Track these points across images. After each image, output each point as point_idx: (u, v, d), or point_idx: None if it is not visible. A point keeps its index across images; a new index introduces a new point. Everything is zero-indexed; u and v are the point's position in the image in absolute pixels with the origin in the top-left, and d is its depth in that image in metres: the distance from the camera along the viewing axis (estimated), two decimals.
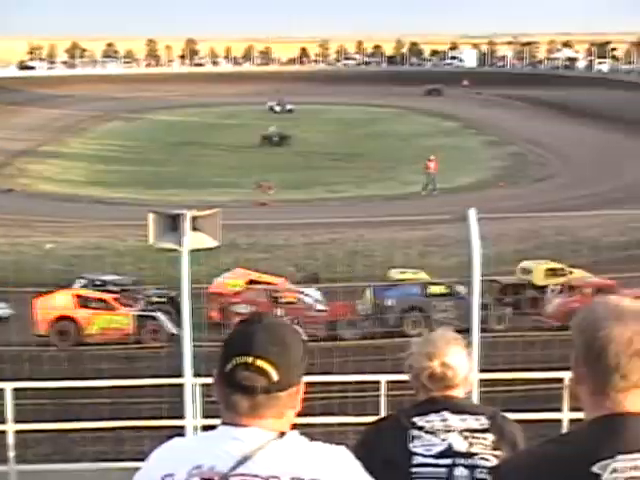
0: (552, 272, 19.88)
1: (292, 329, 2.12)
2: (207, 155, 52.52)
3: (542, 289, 19.29)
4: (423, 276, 19.12)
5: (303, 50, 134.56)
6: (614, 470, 1.83)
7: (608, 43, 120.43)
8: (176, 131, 64.42)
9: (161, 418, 7.19)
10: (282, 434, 2.05)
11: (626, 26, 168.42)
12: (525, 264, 19.83)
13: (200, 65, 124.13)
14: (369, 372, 7.62)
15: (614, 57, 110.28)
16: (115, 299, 18.58)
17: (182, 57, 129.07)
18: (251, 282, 18.68)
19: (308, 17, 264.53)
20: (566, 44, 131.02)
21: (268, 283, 18.72)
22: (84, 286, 19.38)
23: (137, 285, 19.52)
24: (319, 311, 17.89)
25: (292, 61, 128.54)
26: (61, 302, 18.25)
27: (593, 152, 48.20)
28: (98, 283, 19.30)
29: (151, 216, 7.08)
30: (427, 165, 39.81)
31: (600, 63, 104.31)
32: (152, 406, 8.62)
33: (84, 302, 18.49)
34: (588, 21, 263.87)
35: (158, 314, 17.52)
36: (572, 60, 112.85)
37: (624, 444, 1.86)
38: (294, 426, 2.11)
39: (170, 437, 2.18)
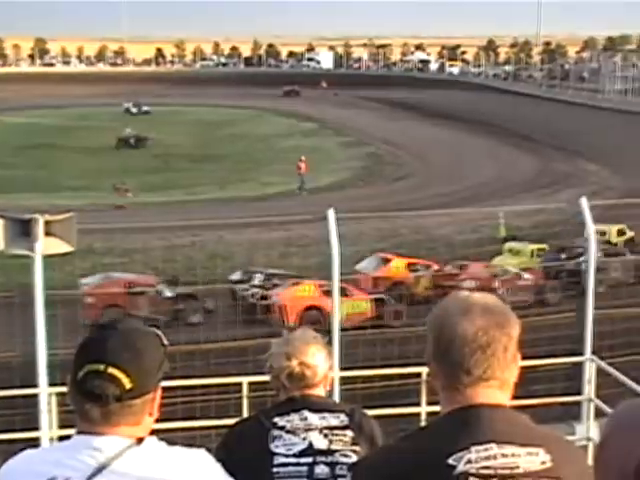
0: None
1: (149, 334, 2.07)
2: (60, 158, 51.00)
3: None
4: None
5: (159, 51, 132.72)
6: (468, 461, 1.88)
7: (458, 47, 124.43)
8: (26, 133, 62.15)
9: (15, 431, 6.93)
10: (140, 440, 2.00)
11: (475, 30, 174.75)
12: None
13: (50, 65, 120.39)
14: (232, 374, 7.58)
15: (464, 60, 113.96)
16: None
17: (31, 57, 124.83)
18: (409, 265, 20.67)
19: (164, 17, 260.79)
20: (419, 47, 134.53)
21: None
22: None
23: None
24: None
25: (147, 62, 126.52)
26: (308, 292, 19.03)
27: (447, 152, 49.69)
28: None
29: (1, 221, 6.81)
30: (298, 166, 40.20)
31: (451, 66, 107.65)
32: (5, 418, 8.29)
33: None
34: (439, 25, 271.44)
35: None
36: (425, 63, 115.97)
37: (477, 435, 1.91)
38: (154, 432, 2.08)
39: (23, 450, 2.10)
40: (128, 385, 1.96)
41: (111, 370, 1.95)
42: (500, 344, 1.95)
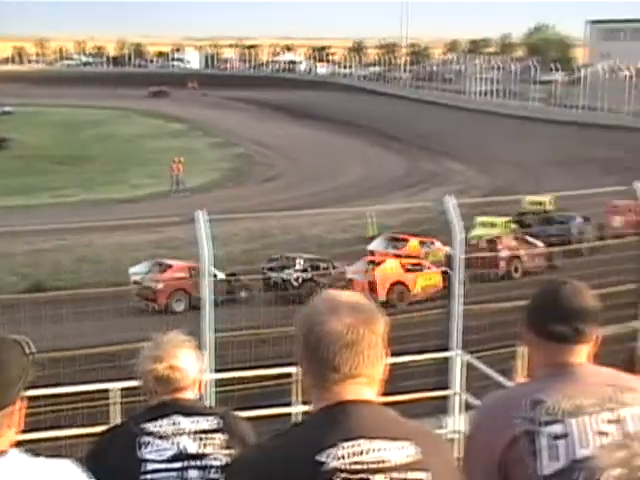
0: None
1: (11, 345, 1.99)
2: None
3: None
4: None
5: (18, 49, 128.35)
6: (338, 457, 1.90)
7: (327, 47, 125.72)
8: None
9: None
10: (1, 453, 1.93)
11: (343, 32, 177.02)
12: None
13: None
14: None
15: (333, 61, 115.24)
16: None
17: None
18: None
19: (23, 14, 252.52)
20: (288, 48, 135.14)
21: None
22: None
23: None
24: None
25: (6, 60, 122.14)
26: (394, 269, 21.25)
27: (317, 152, 50.13)
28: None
29: None
30: (172, 167, 39.68)
31: (320, 67, 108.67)
32: None
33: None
34: (308, 26, 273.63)
35: None
36: (294, 63, 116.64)
37: (346, 432, 1.93)
38: (19, 443, 2.01)
39: None
40: None
41: None
42: (367, 341, 1.97)
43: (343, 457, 1.90)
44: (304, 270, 20.18)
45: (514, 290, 13.16)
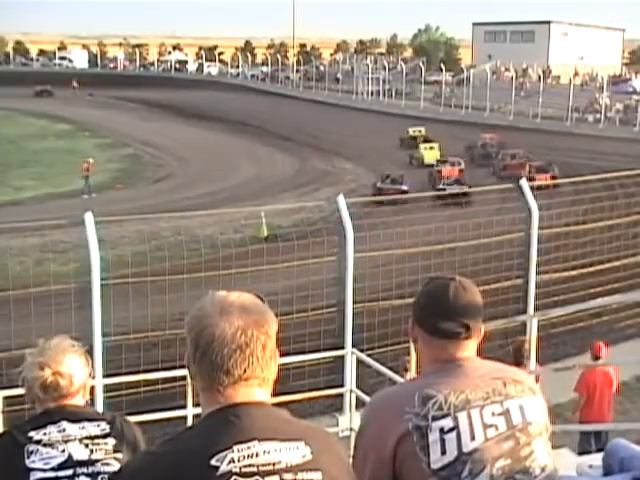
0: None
1: None
2: None
3: None
4: None
5: None
6: (231, 460, 1.88)
7: (216, 47, 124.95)
8: None
9: None
10: None
11: (232, 32, 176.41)
12: None
13: None
14: None
15: (222, 61, 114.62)
16: None
17: None
18: None
19: None
20: (176, 47, 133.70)
21: None
22: None
23: None
24: None
25: None
26: None
27: (207, 152, 49.80)
28: None
29: None
30: (83, 168, 38.60)
31: (209, 67, 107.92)
32: None
33: None
34: (196, 25, 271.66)
35: None
36: (183, 63, 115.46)
37: (240, 434, 1.92)
38: None
39: None
40: None
41: None
42: (259, 343, 1.97)
43: (236, 460, 1.88)
44: None
45: None
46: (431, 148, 45.32)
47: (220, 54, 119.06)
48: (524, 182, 10.19)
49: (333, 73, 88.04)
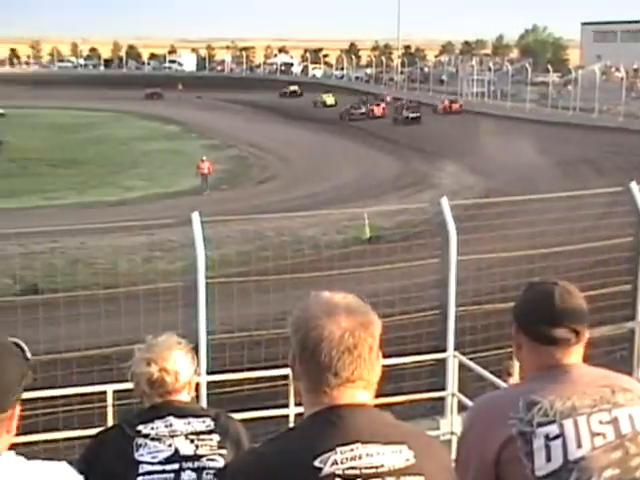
0: None
1: (9, 349, 1.99)
2: None
3: None
4: None
5: (12, 51, 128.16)
6: (334, 462, 1.89)
7: (321, 50, 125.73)
8: None
9: None
10: None
11: (336, 34, 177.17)
12: None
13: None
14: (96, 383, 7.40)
15: (326, 63, 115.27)
16: None
17: None
18: None
19: (17, 16, 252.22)
20: (282, 50, 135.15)
21: None
22: None
23: None
24: None
25: (1, 63, 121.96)
26: None
27: (311, 154, 50.14)
28: None
29: None
30: (200, 167, 39.63)
31: (314, 69, 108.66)
32: None
33: None
34: (302, 28, 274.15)
35: None
36: (288, 65, 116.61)
37: (342, 436, 1.92)
38: (14, 446, 2.00)
39: None
40: None
41: None
42: (366, 345, 1.96)
43: (339, 462, 1.89)
44: None
45: None
46: (328, 93, 79.44)
47: (325, 56, 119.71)
48: (634, 185, 9.88)
49: (438, 75, 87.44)
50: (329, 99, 78.21)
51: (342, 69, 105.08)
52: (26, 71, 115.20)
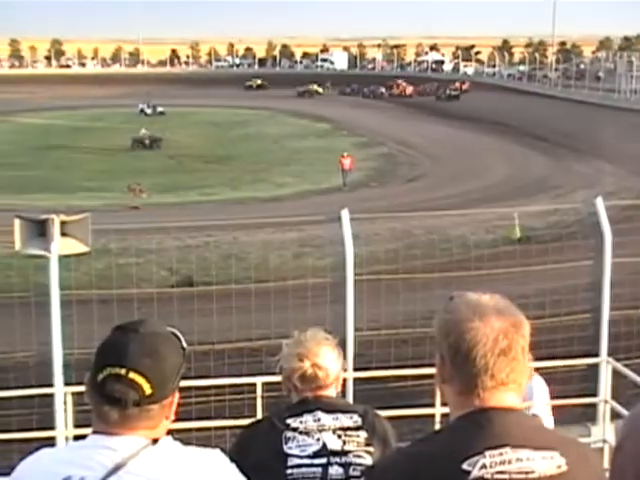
0: None
1: (169, 338, 2.08)
2: (76, 159, 51.15)
3: None
4: None
5: (173, 52, 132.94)
6: (483, 466, 1.86)
7: (472, 47, 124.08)
8: (42, 134, 62.48)
9: (31, 430, 6.96)
10: (155, 441, 2.01)
11: (489, 31, 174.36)
12: None
13: (67, 67, 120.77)
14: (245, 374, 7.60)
15: (478, 60, 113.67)
16: None
17: (47, 58, 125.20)
18: None
19: (178, 18, 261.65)
20: (433, 47, 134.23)
21: None
22: None
23: None
24: None
25: (162, 63, 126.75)
26: None
27: (460, 152, 49.57)
28: None
29: (17, 222, 6.85)
30: (342, 163, 40.28)
31: (465, 66, 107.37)
32: (21, 418, 8.32)
33: None
34: (453, 25, 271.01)
35: None
36: (439, 63, 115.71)
37: (492, 439, 1.89)
38: (169, 432, 2.09)
39: (39, 449, 2.11)
40: (148, 391, 1.97)
41: (132, 375, 1.96)
42: (518, 346, 1.93)
43: (488, 466, 1.86)
44: None
45: None
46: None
47: (477, 53, 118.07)
48: None
49: (594, 71, 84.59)
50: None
51: (494, 66, 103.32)
52: (185, 71, 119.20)
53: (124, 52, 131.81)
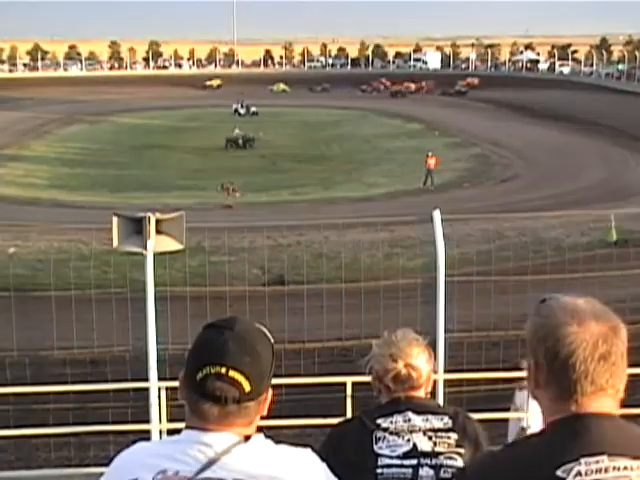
0: None
1: (263, 335, 2.11)
2: (171, 158, 52.20)
3: None
4: None
5: (267, 52, 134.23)
6: (578, 473, 1.81)
7: (569, 46, 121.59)
8: (140, 134, 63.98)
9: (126, 423, 7.14)
10: (247, 438, 2.04)
11: (586, 29, 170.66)
12: None
13: (164, 68, 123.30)
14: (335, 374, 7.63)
15: (575, 60, 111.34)
16: None
17: (145, 60, 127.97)
18: None
19: (272, 19, 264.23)
20: (528, 46, 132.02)
21: None
22: None
23: None
24: None
25: (256, 64, 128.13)
26: None
27: (555, 153, 48.65)
28: None
29: (115, 219, 7.02)
30: (427, 162, 40.34)
31: (561, 65, 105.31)
32: (117, 410, 8.55)
33: None
34: (549, 24, 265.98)
35: None
36: (534, 62, 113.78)
37: (588, 446, 1.84)
38: (259, 429, 2.12)
39: (135, 442, 2.17)
40: (247, 388, 2.01)
41: (232, 373, 1.99)
42: (618, 351, 1.89)
43: (583, 474, 1.80)
44: None
45: None
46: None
47: (574, 52, 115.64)
48: None
49: None
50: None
51: (592, 65, 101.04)
52: (278, 71, 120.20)
53: (219, 53, 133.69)
